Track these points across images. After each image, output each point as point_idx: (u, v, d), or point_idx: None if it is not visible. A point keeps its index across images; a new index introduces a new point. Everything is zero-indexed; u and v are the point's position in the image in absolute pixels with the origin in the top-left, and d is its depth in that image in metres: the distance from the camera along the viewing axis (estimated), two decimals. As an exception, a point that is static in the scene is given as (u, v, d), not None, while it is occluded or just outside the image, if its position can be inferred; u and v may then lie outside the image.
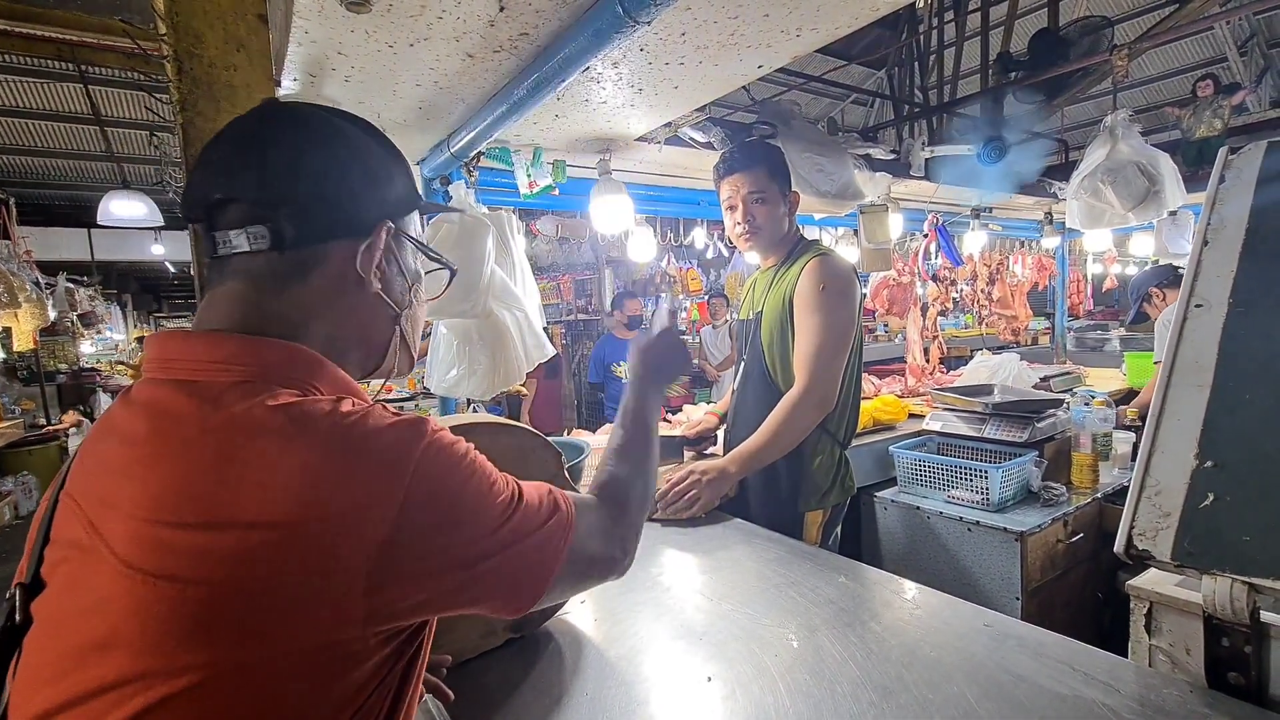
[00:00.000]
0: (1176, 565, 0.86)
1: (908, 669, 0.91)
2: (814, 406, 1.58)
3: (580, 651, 1.02)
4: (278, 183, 0.56)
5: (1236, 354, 0.94)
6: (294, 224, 0.56)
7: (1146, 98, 8.02)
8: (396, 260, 0.65)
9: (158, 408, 0.52)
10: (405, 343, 0.69)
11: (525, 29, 1.39)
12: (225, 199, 0.56)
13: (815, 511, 1.65)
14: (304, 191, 0.57)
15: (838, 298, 1.59)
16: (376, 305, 0.64)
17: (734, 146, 1.77)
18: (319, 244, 0.58)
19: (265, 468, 0.47)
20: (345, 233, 0.60)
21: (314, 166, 0.58)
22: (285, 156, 0.57)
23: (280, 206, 0.56)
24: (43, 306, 5.19)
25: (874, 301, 4.20)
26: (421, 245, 0.70)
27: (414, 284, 0.69)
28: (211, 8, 0.97)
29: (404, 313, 0.67)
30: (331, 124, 0.61)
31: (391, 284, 0.65)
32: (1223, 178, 1.08)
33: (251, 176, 0.56)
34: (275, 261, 0.57)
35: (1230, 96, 4.01)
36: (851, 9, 1.39)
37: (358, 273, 0.60)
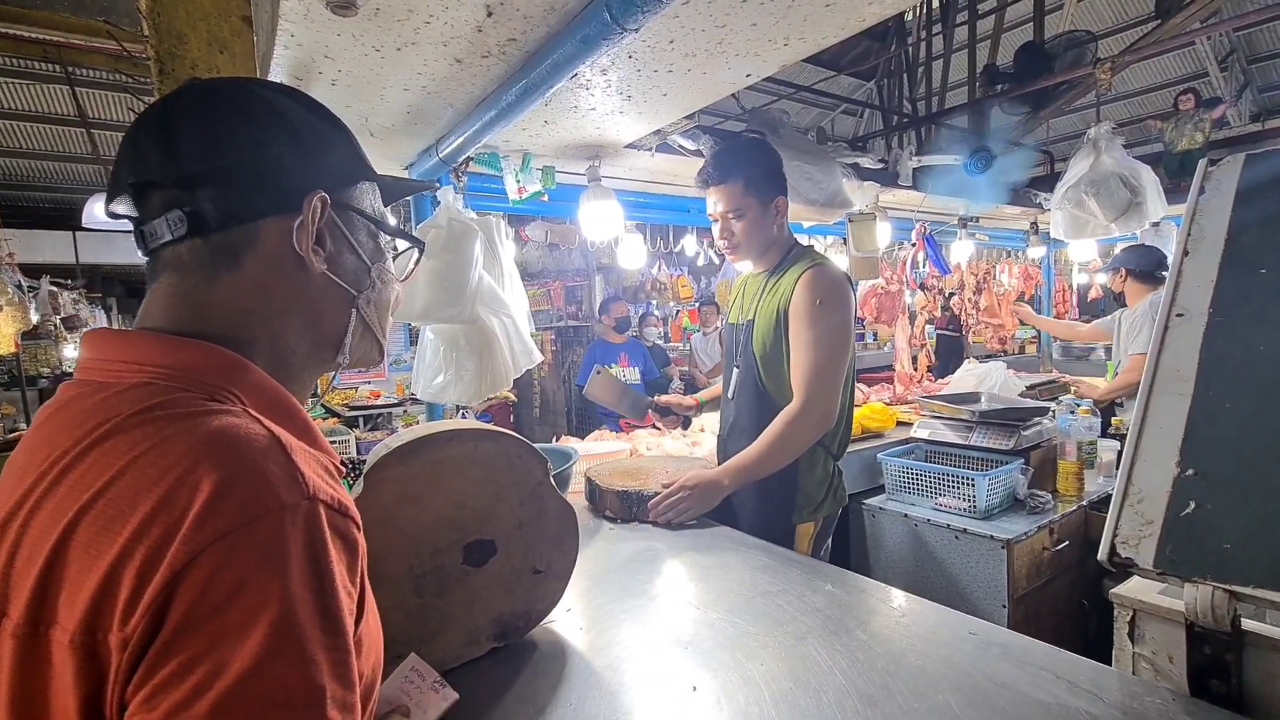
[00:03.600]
0: (1159, 573, 0.86)
1: (893, 677, 0.91)
2: (814, 424, 1.55)
3: (565, 660, 1.01)
4: (189, 160, 0.52)
5: (1217, 363, 0.95)
6: (214, 204, 0.52)
7: (1129, 111, 8.16)
8: (347, 237, 0.60)
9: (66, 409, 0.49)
10: (367, 328, 0.63)
11: (513, 35, 1.39)
12: (139, 184, 0.52)
13: (807, 524, 1.63)
14: (220, 166, 0.52)
15: (833, 311, 1.56)
16: (326, 288, 0.59)
17: (711, 156, 1.70)
18: (246, 223, 0.53)
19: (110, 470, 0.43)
20: (274, 208, 0.54)
21: (229, 139, 0.53)
22: (196, 131, 0.52)
23: (196, 186, 0.51)
24: (24, 310, 5.11)
25: (862, 310, 4.23)
26: (377, 220, 0.64)
27: (374, 263, 0.63)
28: (194, 9, 0.96)
29: (362, 294, 0.62)
30: (249, 92, 0.56)
31: (341, 263, 0.60)
32: (1203, 189, 1.09)
33: (160, 156, 0.52)
34: (201, 248, 0.53)
35: (1211, 110, 4.08)
36: (839, 19, 1.40)
37: (295, 252, 0.55)
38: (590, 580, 1.27)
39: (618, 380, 2.12)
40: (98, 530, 0.41)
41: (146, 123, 0.54)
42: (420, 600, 0.95)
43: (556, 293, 7.07)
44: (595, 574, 1.31)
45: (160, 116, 0.53)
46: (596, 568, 1.33)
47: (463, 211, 2.04)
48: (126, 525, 0.41)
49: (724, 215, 1.65)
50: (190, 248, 0.52)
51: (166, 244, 0.52)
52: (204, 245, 0.52)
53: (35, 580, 0.42)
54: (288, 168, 0.55)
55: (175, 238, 0.52)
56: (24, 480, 0.46)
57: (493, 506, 1.00)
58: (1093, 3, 6.54)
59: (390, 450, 0.94)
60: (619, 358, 4.66)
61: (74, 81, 4.96)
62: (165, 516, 0.40)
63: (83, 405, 0.48)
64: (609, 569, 1.34)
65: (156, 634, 0.39)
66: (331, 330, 0.60)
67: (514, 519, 1.02)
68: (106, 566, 0.40)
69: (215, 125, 0.53)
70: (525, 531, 1.04)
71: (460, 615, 0.99)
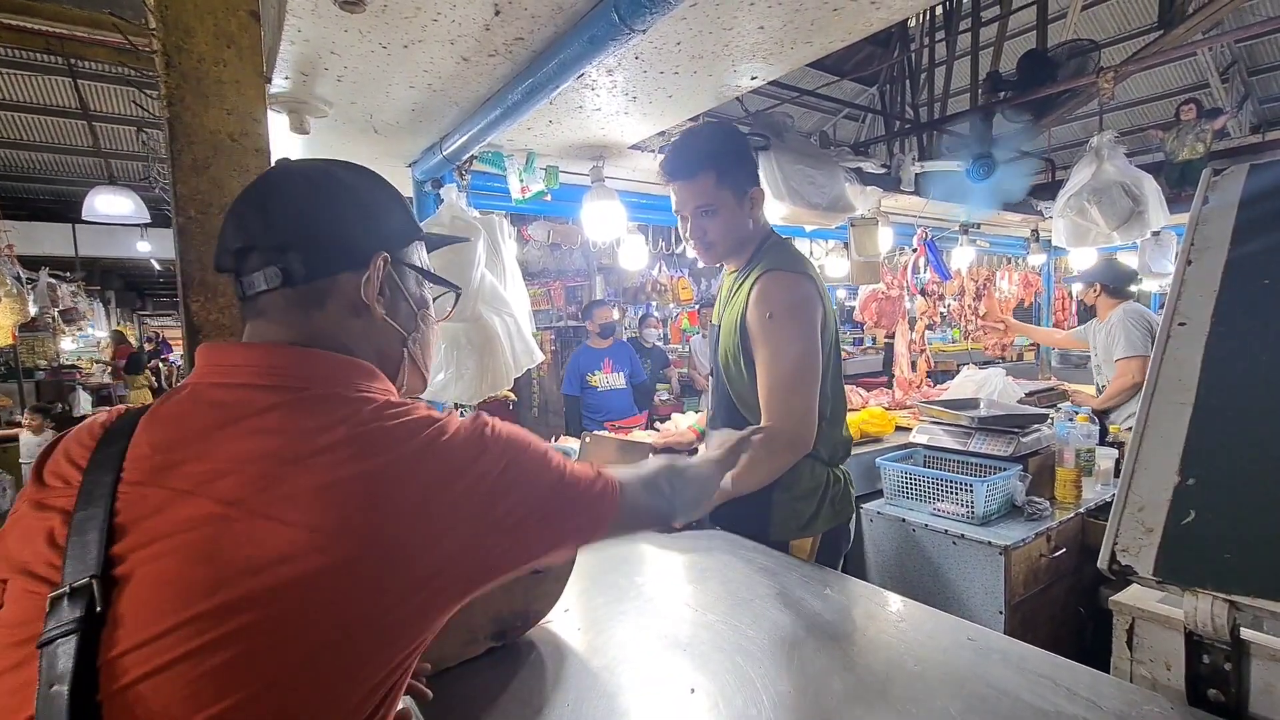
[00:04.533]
0: (1158, 581, 0.86)
1: (891, 682, 0.91)
2: (781, 450, 1.41)
3: (562, 661, 1.01)
4: (283, 228, 0.66)
5: (1218, 372, 0.95)
6: (301, 262, 0.65)
7: (1131, 120, 8.19)
8: (401, 288, 0.73)
9: (285, 410, 0.59)
10: (415, 364, 0.77)
11: (520, 34, 1.40)
12: (244, 248, 0.66)
13: (801, 540, 1.50)
14: (306, 233, 0.66)
15: (786, 324, 1.40)
16: (385, 330, 0.72)
17: (674, 145, 1.51)
18: (327, 277, 0.67)
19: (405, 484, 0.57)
20: (348, 265, 0.68)
21: (313, 211, 0.67)
22: (289, 206, 0.67)
23: (288, 249, 0.65)
24: (23, 301, 5.11)
25: (863, 314, 4.23)
26: (424, 272, 0.78)
27: (421, 309, 0.77)
28: (202, 2, 0.96)
29: (411, 335, 0.75)
30: (329, 173, 0.70)
31: (397, 310, 0.73)
32: (1206, 199, 1.09)
33: (261, 226, 0.66)
34: (291, 296, 0.66)
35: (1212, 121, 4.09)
36: (845, 24, 1.40)
37: (362, 300, 0.69)
38: (588, 581, 1.27)
39: (609, 439, 2.08)
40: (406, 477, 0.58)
41: (250, 197, 0.68)
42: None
43: (557, 292, 7.07)
44: (593, 575, 1.30)
45: (261, 193, 0.69)
46: (594, 568, 1.33)
47: (466, 210, 2.04)
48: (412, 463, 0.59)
49: (694, 213, 1.46)
50: (283, 295, 0.66)
51: (262, 292, 0.66)
52: (293, 293, 0.66)
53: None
54: (357, 234, 0.69)
55: (270, 288, 0.65)
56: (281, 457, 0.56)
57: (493, 505, 1.00)
58: (1096, 12, 6.56)
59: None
60: (602, 364, 4.54)
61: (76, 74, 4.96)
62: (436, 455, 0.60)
63: (322, 407, 0.60)
64: (606, 570, 1.34)
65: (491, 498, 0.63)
66: (391, 364, 0.73)
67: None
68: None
69: (304, 201, 0.68)
70: (525, 531, 1.04)
71: (459, 614, 0.98)
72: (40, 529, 0.56)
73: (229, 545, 0.52)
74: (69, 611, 0.50)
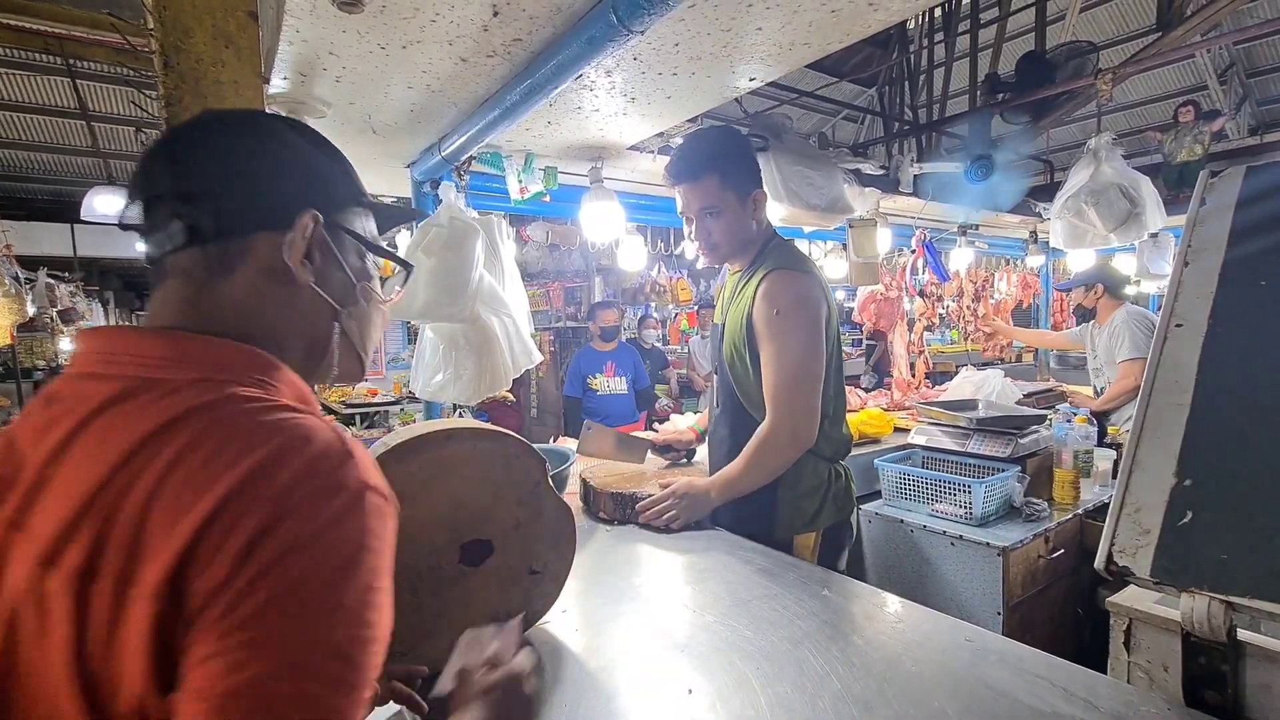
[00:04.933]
0: (1155, 582, 0.87)
1: (889, 683, 0.91)
2: (786, 445, 1.46)
3: (560, 662, 1.01)
4: (192, 177, 0.58)
5: (1215, 374, 0.95)
6: (211, 217, 0.57)
7: (1129, 122, 8.20)
8: (335, 255, 0.65)
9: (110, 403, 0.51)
10: (349, 343, 0.68)
11: (519, 34, 1.40)
12: (149, 198, 0.58)
13: (804, 535, 1.53)
14: (218, 184, 0.58)
15: (793, 321, 1.44)
16: (312, 301, 0.63)
17: (679, 148, 1.57)
18: (240, 236, 0.59)
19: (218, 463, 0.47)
20: (267, 224, 0.59)
21: (229, 160, 0.59)
22: (201, 152, 0.59)
23: (196, 200, 0.57)
24: (21, 301, 5.09)
25: (861, 315, 4.23)
26: (366, 241, 0.68)
27: (361, 282, 0.68)
28: (201, 3, 0.96)
29: (345, 310, 0.66)
30: (253, 119, 0.63)
31: (328, 279, 0.64)
32: (1203, 200, 1.10)
33: (168, 174, 0.58)
34: (199, 257, 0.58)
35: (1210, 123, 4.10)
36: (843, 26, 1.41)
37: (284, 264, 0.60)
38: (586, 582, 1.27)
39: (608, 431, 2.08)
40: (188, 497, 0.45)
41: (161, 145, 0.61)
42: (416, 600, 0.95)
43: (556, 293, 7.07)
44: (591, 575, 1.30)
45: (173, 140, 0.61)
46: (592, 569, 1.33)
47: (464, 210, 2.04)
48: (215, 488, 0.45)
49: (699, 214, 1.52)
50: (191, 255, 0.58)
51: (169, 252, 0.58)
52: (202, 254, 0.58)
53: (127, 540, 0.45)
54: (281, 188, 0.61)
55: (175, 247, 0.57)
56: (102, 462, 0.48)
57: (490, 506, 1.00)
58: (1094, 14, 6.57)
59: (388, 449, 0.93)
60: (604, 367, 4.47)
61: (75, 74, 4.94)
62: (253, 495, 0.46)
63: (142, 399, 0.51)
64: (604, 571, 1.34)
65: (233, 581, 0.43)
66: (319, 341, 0.65)
67: (511, 519, 1.02)
68: (195, 526, 0.44)
69: (219, 149, 0.59)
70: (522, 532, 1.04)
71: (456, 615, 0.99)
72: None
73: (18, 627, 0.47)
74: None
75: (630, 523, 1.60)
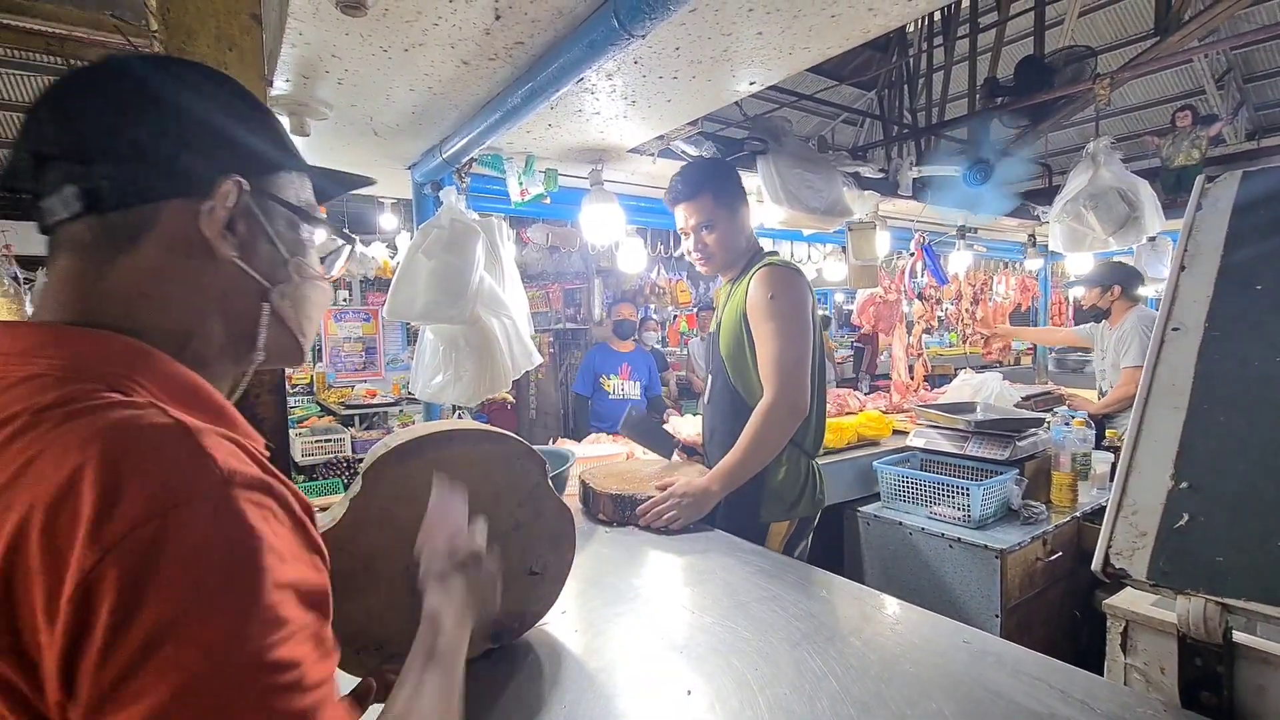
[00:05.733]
0: (1152, 584, 0.87)
1: (887, 684, 0.91)
2: (786, 415, 1.57)
3: (559, 663, 1.01)
4: (90, 136, 0.49)
5: (1211, 377, 0.96)
6: (112, 181, 0.49)
7: (1127, 126, 8.23)
8: (264, 227, 0.57)
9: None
10: (282, 324, 0.60)
11: (521, 38, 1.40)
12: (37, 158, 0.49)
13: (780, 523, 1.65)
14: (121, 144, 0.50)
15: (788, 304, 1.59)
16: (236, 277, 0.55)
17: (677, 174, 1.75)
18: (146, 203, 0.51)
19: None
20: (180, 190, 0.52)
21: (134, 114, 0.50)
22: (99, 106, 0.50)
23: (94, 162, 0.49)
24: (20, 301, 5.08)
25: (860, 318, 4.24)
26: (299, 210, 0.60)
27: (295, 257, 0.60)
28: (204, 6, 0.97)
29: (276, 287, 0.58)
30: (164, 69, 0.54)
31: (255, 254, 0.56)
32: (1199, 205, 1.11)
33: (60, 130, 0.49)
34: (98, 227, 0.50)
35: (1208, 127, 4.11)
36: (843, 30, 1.41)
37: (202, 237, 0.52)
38: (585, 583, 1.28)
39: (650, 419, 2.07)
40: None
41: (52, 96, 0.50)
42: (415, 600, 0.95)
43: (555, 295, 7.07)
44: (590, 577, 1.31)
45: (66, 90, 0.51)
46: (591, 570, 1.34)
47: (465, 212, 2.05)
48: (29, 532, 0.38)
49: (695, 228, 1.70)
50: (87, 226, 0.49)
51: (62, 221, 0.49)
52: (100, 224, 0.50)
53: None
54: (198, 149, 0.52)
55: (70, 215, 0.49)
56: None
57: (491, 507, 1.00)
58: (1093, 19, 6.60)
59: (389, 449, 0.94)
60: (620, 368, 4.20)
61: (76, 74, 4.95)
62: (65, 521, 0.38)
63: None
64: (603, 572, 1.34)
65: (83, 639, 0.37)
66: (244, 323, 0.57)
67: (511, 520, 1.02)
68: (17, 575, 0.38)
69: (121, 100, 0.50)
70: (522, 533, 1.04)
71: (456, 615, 0.99)
72: None
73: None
74: None
75: (630, 524, 1.60)
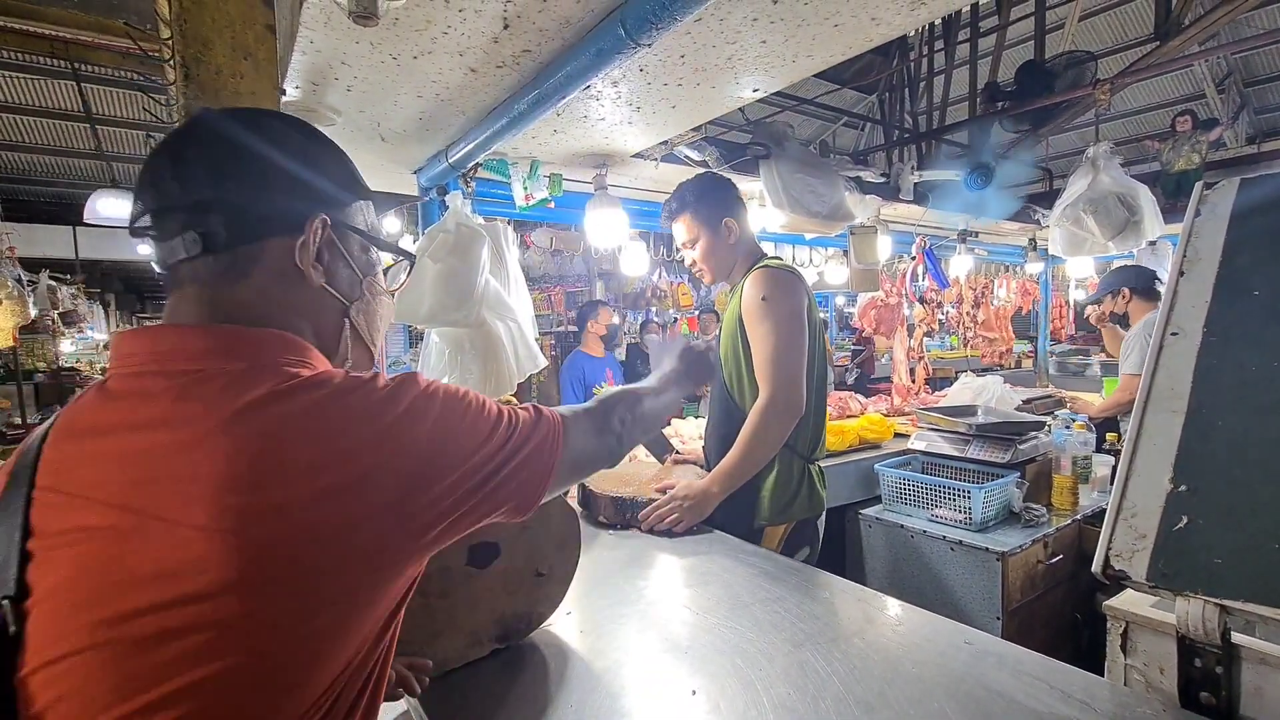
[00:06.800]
0: (1151, 586, 0.88)
1: (890, 685, 0.92)
2: (782, 413, 1.58)
3: (566, 663, 1.02)
4: (201, 188, 0.58)
5: (1210, 382, 0.97)
6: (224, 226, 0.58)
7: (1127, 130, 8.24)
8: (342, 253, 0.67)
9: (172, 396, 0.53)
10: (358, 336, 0.70)
11: (528, 46, 1.42)
12: (159, 209, 0.59)
13: (776, 527, 1.65)
14: (228, 194, 0.59)
15: (780, 303, 1.62)
16: (322, 299, 0.65)
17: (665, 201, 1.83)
18: (253, 243, 0.60)
19: (304, 442, 0.51)
20: (278, 230, 0.61)
21: (236, 168, 0.60)
22: (207, 162, 0.59)
23: (208, 211, 0.58)
24: (23, 304, 5.10)
25: (861, 321, 4.26)
26: (370, 237, 0.70)
27: (367, 276, 0.70)
28: (220, 16, 0.99)
29: (354, 305, 0.68)
30: (256, 122, 0.63)
31: (337, 276, 0.66)
32: (1198, 211, 1.12)
33: (176, 185, 0.59)
34: (214, 264, 0.59)
35: (1208, 132, 4.14)
36: (846, 39, 1.43)
37: (296, 267, 0.62)
38: (589, 584, 1.29)
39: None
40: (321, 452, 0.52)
41: (164, 153, 0.60)
42: (425, 601, 0.97)
43: (558, 298, 7.08)
44: (594, 578, 1.32)
45: (176, 148, 0.61)
46: (595, 572, 1.35)
47: (470, 217, 2.06)
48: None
49: (684, 245, 1.80)
50: (205, 263, 0.59)
51: (181, 261, 0.59)
52: (216, 261, 0.59)
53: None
54: (291, 194, 0.62)
55: (189, 255, 0.58)
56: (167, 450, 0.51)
57: (498, 509, 1.02)
58: (1093, 23, 6.62)
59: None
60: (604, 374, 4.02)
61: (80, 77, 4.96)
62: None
63: (209, 387, 0.53)
64: (607, 573, 1.35)
65: None
66: (330, 336, 0.67)
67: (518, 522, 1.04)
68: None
69: (225, 157, 0.60)
70: (528, 534, 1.05)
71: (464, 616, 1.00)
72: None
73: (120, 555, 0.48)
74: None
75: (631, 527, 1.61)
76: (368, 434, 0.53)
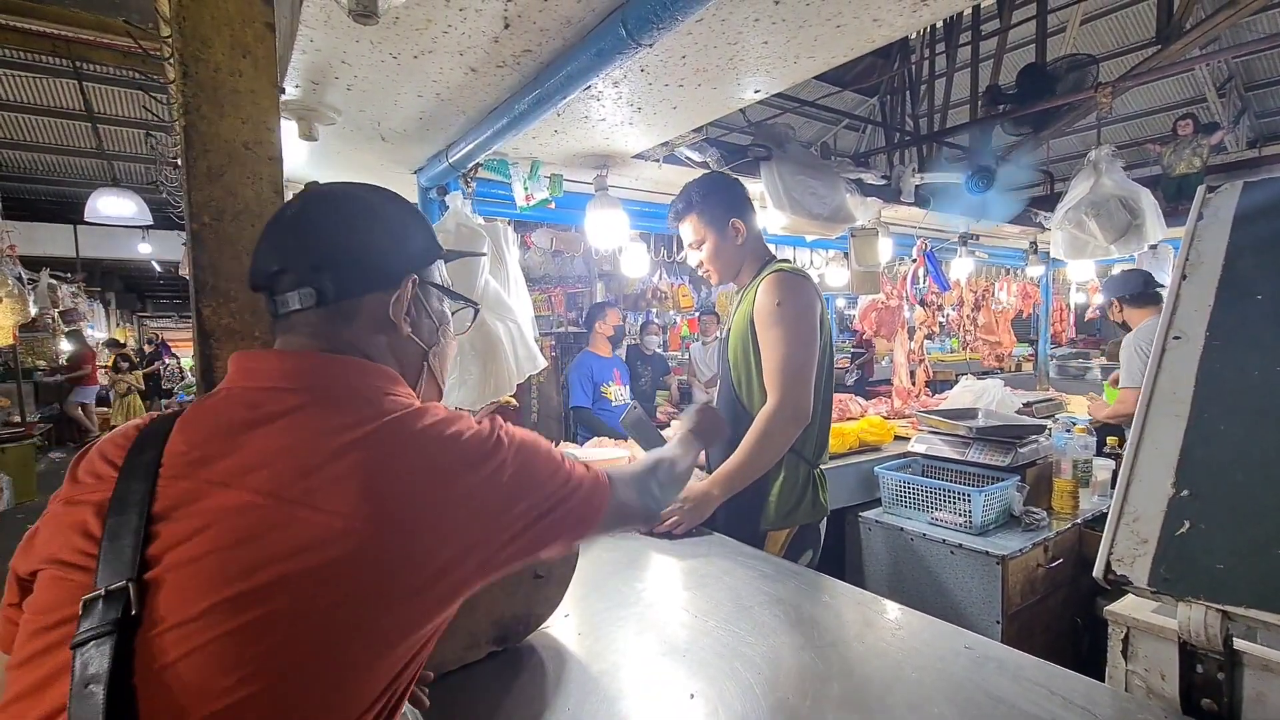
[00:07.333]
0: (1153, 591, 0.88)
1: (890, 689, 0.92)
2: (789, 420, 1.57)
3: (563, 666, 1.02)
4: (317, 251, 0.71)
5: (1212, 386, 0.97)
6: (333, 283, 0.70)
7: (1129, 133, 8.25)
8: (424, 305, 0.78)
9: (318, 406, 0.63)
10: (433, 376, 0.82)
11: (529, 46, 1.42)
12: (279, 270, 0.70)
13: (779, 531, 1.64)
14: (339, 256, 0.71)
15: (795, 310, 1.60)
16: (408, 345, 0.76)
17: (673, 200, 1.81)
18: (357, 297, 0.71)
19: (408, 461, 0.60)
20: (377, 286, 0.73)
21: (345, 235, 0.72)
22: (322, 230, 0.72)
23: (321, 271, 0.70)
24: (24, 302, 5.10)
25: (862, 323, 4.25)
26: (446, 290, 0.82)
27: (441, 324, 0.81)
28: (219, 14, 0.98)
29: (432, 349, 0.79)
30: (359, 198, 0.76)
31: (420, 326, 0.78)
32: (1201, 215, 1.12)
33: (296, 249, 0.71)
34: (323, 314, 0.70)
35: (1209, 136, 4.14)
36: (848, 40, 1.43)
37: (390, 319, 0.73)
38: (587, 587, 1.28)
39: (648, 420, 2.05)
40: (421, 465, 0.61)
41: (285, 221, 0.73)
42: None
43: (558, 299, 7.08)
44: (592, 580, 1.31)
45: (296, 217, 0.73)
46: (593, 574, 1.34)
47: (471, 217, 2.06)
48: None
49: (691, 246, 1.79)
50: (316, 313, 0.70)
51: (295, 310, 0.70)
52: (324, 311, 0.70)
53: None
54: (387, 256, 0.75)
55: (303, 306, 0.70)
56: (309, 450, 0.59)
57: (497, 510, 1.01)
58: (1095, 27, 6.63)
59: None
60: (613, 374, 3.95)
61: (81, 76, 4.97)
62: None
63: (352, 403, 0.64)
64: (605, 575, 1.35)
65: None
66: (410, 376, 0.77)
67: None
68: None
69: (336, 227, 0.72)
70: (528, 536, 1.05)
71: (461, 618, 0.99)
72: (71, 522, 0.59)
73: (263, 531, 0.54)
74: (104, 614, 0.52)
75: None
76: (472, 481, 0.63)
